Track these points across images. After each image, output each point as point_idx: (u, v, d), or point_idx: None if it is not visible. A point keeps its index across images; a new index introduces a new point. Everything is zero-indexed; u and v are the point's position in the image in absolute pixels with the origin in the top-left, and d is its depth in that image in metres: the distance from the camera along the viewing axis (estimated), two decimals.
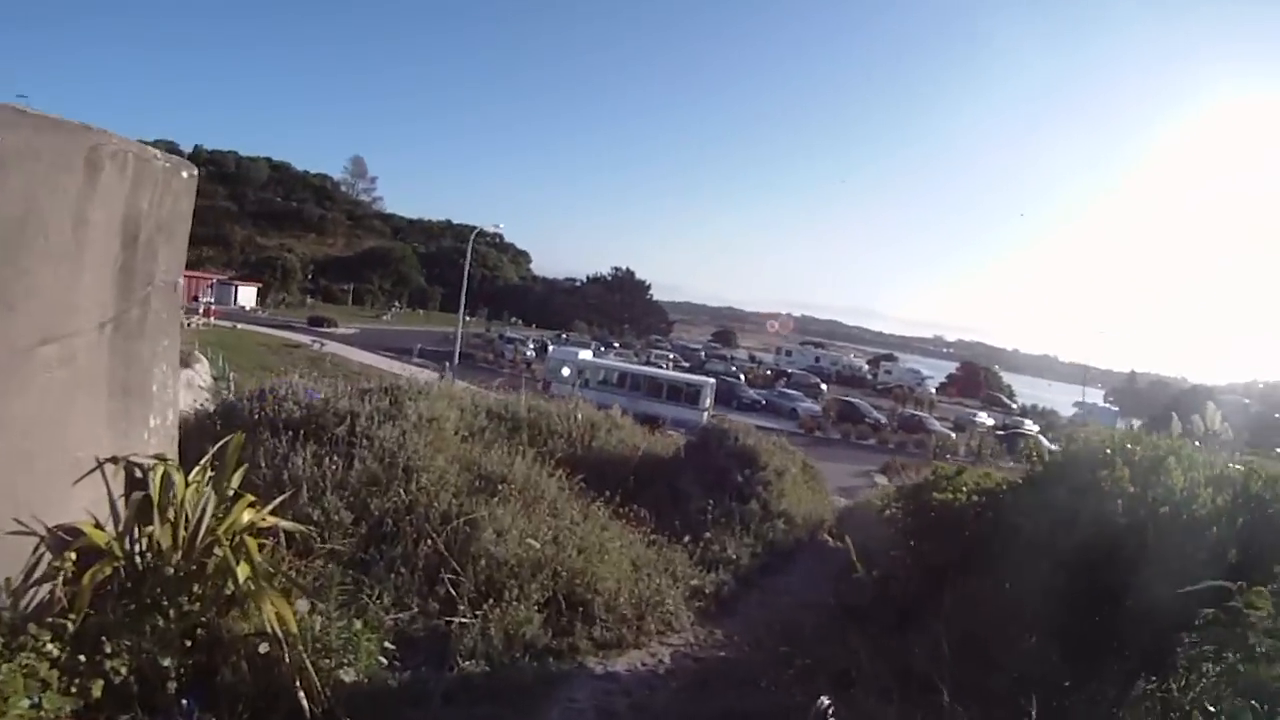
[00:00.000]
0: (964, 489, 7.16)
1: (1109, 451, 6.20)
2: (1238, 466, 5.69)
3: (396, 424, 7.35)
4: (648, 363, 48.75)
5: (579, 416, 11.90)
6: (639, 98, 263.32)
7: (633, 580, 6.90)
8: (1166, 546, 4.85)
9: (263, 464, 6.33)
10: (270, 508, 4.63)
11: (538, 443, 9.89)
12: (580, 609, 6.19)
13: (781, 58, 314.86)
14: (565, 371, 30.64)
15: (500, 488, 7.06)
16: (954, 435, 42.22)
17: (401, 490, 6.39)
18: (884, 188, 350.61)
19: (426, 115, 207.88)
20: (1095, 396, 77.56)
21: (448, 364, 33.83)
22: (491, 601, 5.74)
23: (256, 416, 7.23)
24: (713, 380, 34.84)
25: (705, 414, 26.94)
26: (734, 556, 8.96)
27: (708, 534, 9.16)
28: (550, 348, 46.05)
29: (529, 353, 50.35)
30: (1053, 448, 30.61)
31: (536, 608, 5.93)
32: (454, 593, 5.72)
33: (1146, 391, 73.74)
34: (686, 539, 8.96)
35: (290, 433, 6.85)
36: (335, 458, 6.56)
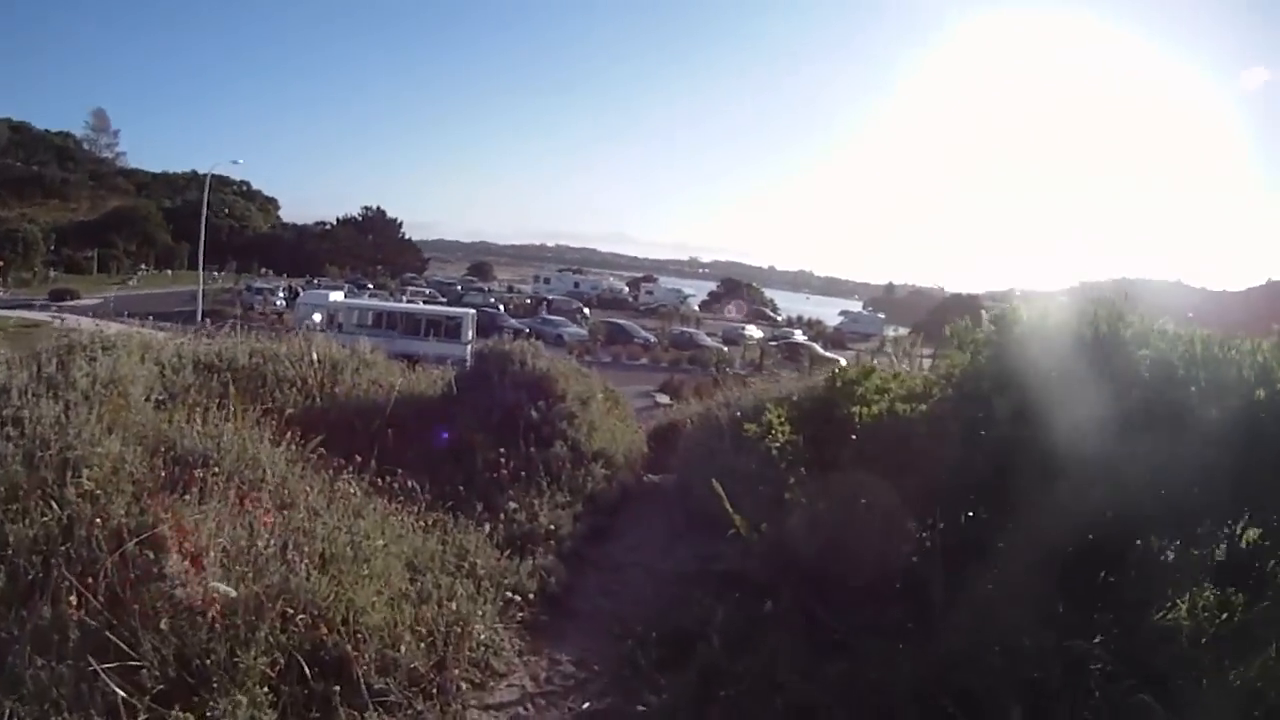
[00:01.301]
0: (887, 396, 5.46)
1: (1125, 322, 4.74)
2: None
3: (60, 397, 5.55)
4: (403, 300, 48.35)
5: (315, 356, 9.35)
6: (377, 30, 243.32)
7: (415, 601, 4.50)
8: None
9: None
10: None
11: (262, 398, 7.81)
12: (337, 677, 3.73)
13: None
14: (317, 317, 29.52)
15: (200, 474, 4.88)
16: (726, 349, 43.57)
17: (53, 502, 4.25)
18: (630, 112, 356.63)
19: (163, 56, 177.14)
20: (854, 307, 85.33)
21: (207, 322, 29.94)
22: (187, 695, 3.38)
23: None
24: (473, 311, 34.55)
25: (469, 347, 26.04)
26: (550, 526, 6.77)
27: (511, 503, 6.87)
28: (301, 293, 45.03)
29: (279, 302, 49.49)
30: (827, 355, 32.18)
31: (264, 691, 3.52)
32: (124, 691, 3.28)
33: (906, 301, 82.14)
34: (480, 509, 6.75)
35: None
36: None
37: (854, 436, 5.37)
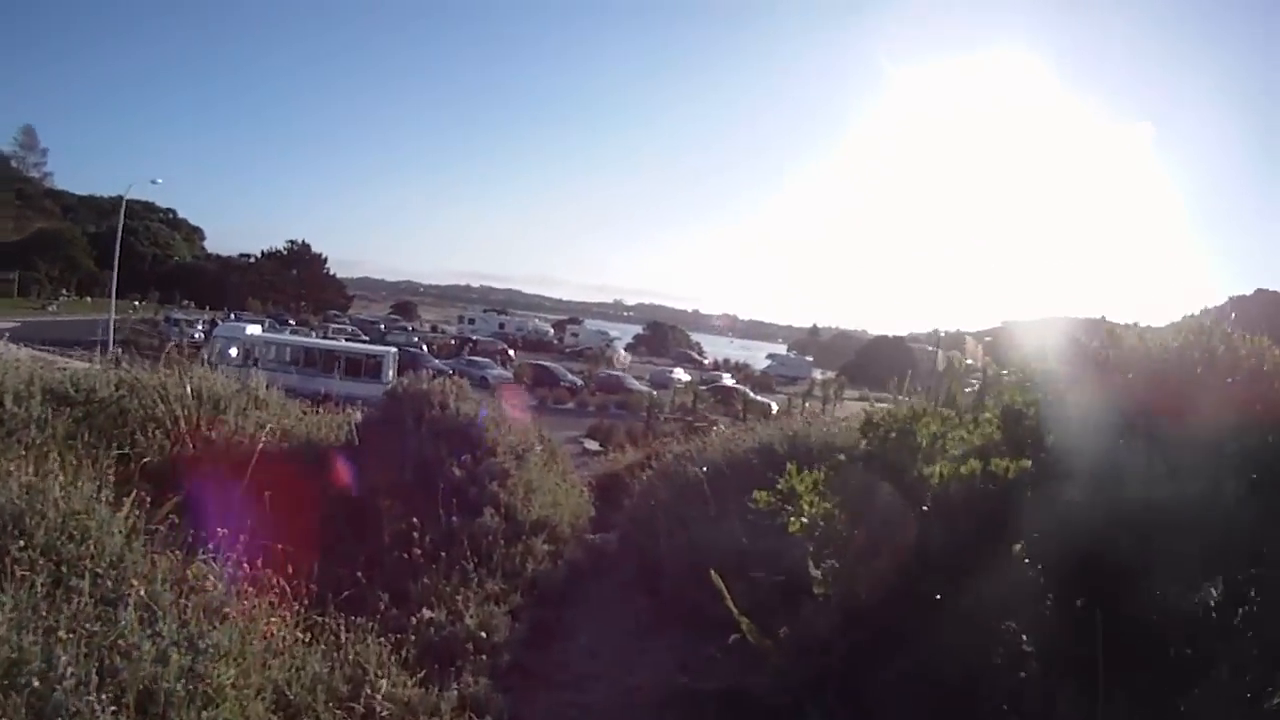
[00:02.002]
0: (957, 445, 3.96)
1: None
2: None
3: None
4: (325, 338, 47.25)
5: (188, 390, 7.55)
6: (311, 65, 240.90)
7: None
8: None
9: None
10: None
11: (120, 440, 6.41)
12: None
13: (453, 22, 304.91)
14: (233, 351, 28.26)
15: None
16: (655, 393, 42.40)
17: None
18: (556, 156, 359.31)
19: (95, 78, 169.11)
20: (779, 349, 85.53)
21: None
22: None
23: None
24: (395, 350, 33.31)
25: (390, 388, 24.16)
26: (479, 632, 4.99)
27: (427, 612, 5.12)
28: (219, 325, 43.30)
29: (196, 334, 46.65)
30: (759, 398, 31.28)
31: None
32: None
33: (831, 344, 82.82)
34: (385, 603, 5.01)
35: None
36: None
37: (925, 508, 3.83)
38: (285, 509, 6.09)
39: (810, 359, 72.99)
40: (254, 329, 35.96)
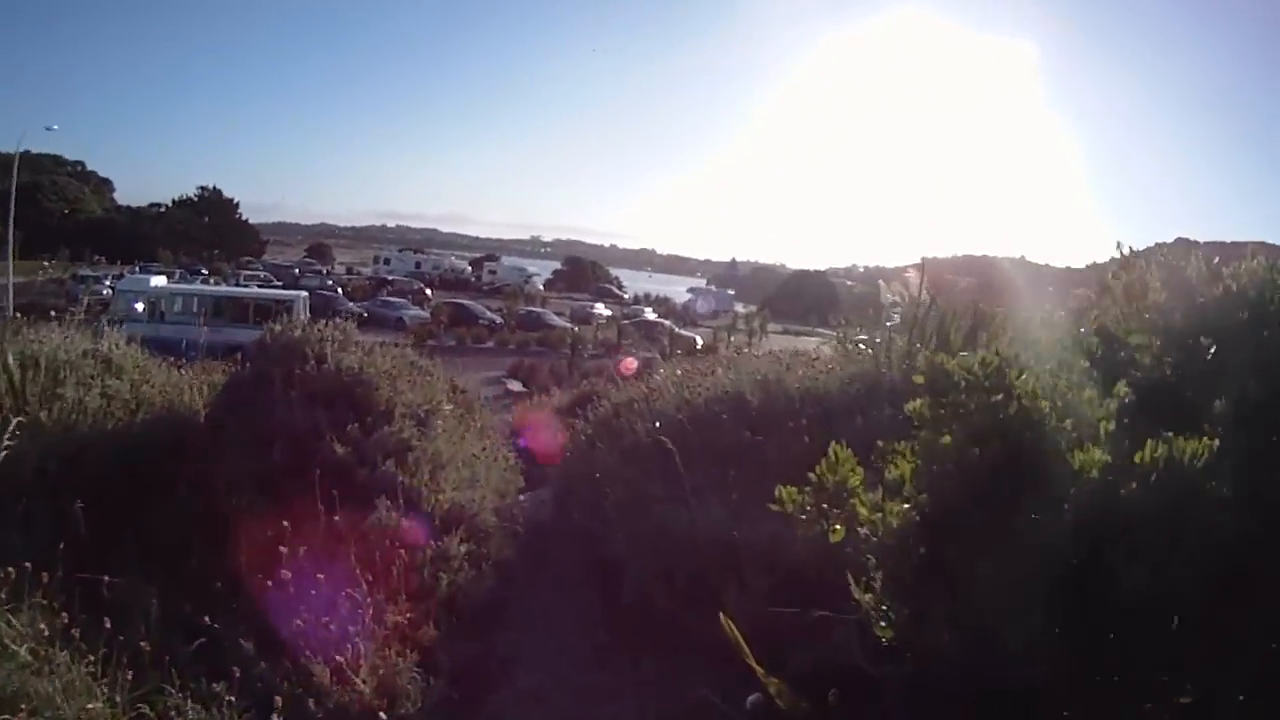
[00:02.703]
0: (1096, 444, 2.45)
1: None
2: None
3: None
4: (238, 285, 44.88)
5: (10, 362, 5.64)
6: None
7: None
8: None
9: None
10: None
11: None
12: None
13: None
14: (140, 306, 27.07)
15: None
16: (577, 329, 41.11)
17: None
18: (469, 93, 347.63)
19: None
20: (698, 284, 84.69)
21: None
22: None
23: None
24: (305, 294, 32.08)
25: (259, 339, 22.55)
26: (378, 701, 3.35)
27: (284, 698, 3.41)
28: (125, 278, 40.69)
29: (105, 291, 43.13)
30: (684, 333, 30.36)
31: None
32: None
33: (750, 278, 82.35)
34: (247, 654, 3.47)
35: None
36: None
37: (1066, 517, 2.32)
38: (120, 519, 4.48)
39: (732, 293, 72.31)
40: (159, 281, 34.32)
